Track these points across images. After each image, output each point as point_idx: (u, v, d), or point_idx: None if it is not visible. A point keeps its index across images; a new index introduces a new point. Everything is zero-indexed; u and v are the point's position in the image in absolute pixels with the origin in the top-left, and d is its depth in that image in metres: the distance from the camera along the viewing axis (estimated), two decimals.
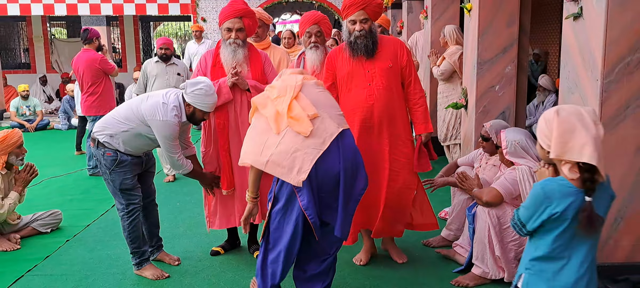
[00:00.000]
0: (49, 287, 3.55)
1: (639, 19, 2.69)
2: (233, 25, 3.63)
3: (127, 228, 3.56)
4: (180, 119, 3.43)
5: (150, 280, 3.59)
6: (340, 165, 2.72)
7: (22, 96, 10.57)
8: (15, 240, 4.33)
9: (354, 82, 3.58)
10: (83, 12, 11.09)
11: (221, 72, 3.69)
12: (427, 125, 3.65)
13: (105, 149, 3.48)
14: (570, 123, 1.98)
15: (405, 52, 3.63)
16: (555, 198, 2.01)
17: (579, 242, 2.06)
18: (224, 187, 3.75)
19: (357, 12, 3.49)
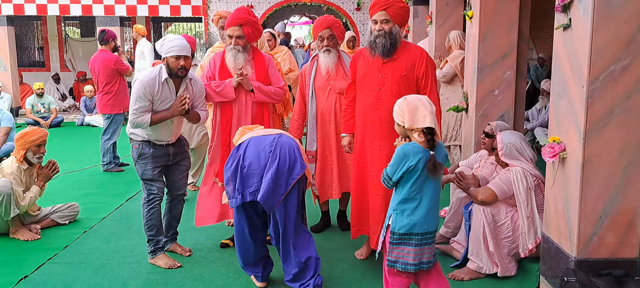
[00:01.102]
0: (69, 273, 3.79)
1: (623, 30, 2.86)
2: (233, 33, 3.91)
3: (146, 215, 3.84)
4: (153, 80, 3.65)
5: (164, 268, 3.82)
6: (271, 150, 3.28)
7: (38, 94, 10.86)
8: (36, 231, 4.57)
9: (366, 83, 3.66)
10: (98, 13, 11.37)
11: (228, 73, 3.98)
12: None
13: (132, 143, 3.86)
14: (414, 104, 2.84)
15: (425, 62, 3.61)
16: (410, 155, 2.80)
17: (428, 186, 2.84)
18: (220, 178, 4.00)
19: (379, 12, 3.55)
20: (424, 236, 2.84)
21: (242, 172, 3.29)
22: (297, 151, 3.34)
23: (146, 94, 3.65)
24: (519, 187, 3.67)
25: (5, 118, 7.74)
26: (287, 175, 3.24)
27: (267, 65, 4.07)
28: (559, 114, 3.22)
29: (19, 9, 11.48)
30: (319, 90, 4.25)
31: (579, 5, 2.97)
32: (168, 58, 3.66)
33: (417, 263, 2.85)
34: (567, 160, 3.11)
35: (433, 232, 2.90)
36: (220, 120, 4.05)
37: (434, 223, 2.89)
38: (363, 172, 3.74)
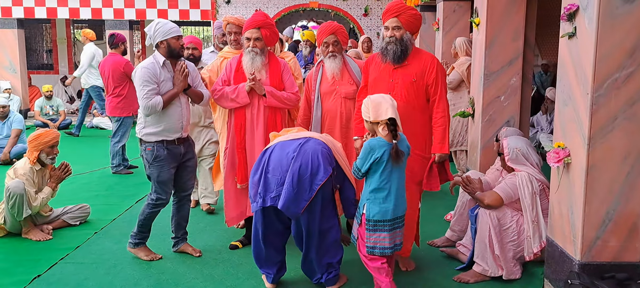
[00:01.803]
0: (81, 273, 3.86)
1: (626, 39, 2.92)
2: (251, 35, 3.96)
3: (146, 214, 4.00)
4: (153, 65, 3.79)
5: (171, 266, 3.92)
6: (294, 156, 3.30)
7: (46, 96, 10.98)
8: (48, 231, 4.66)
9: (377, 88, 3.68)
10: (107, 16, 11.50)
11: (242, 77, 4.02)
12: (442, 145, 3.64)
13: (146, 144, 3.89)
14: (377, 100, 3.17)
15: (435, 70, 3.63)
16: (376, 148, 3.13)
17: (394, 175, 3.16)
18: (239, 181, 4.10)
19: (390, 19, 3.62)
20: (395, 221, 3.20)
21: (266, 177, 3.34)
22: (322, 156, 3.30)
23: (151, 77, 3.77)
24: (525, 191, 3.72)
25: (16, 120, 7.87)
26: (310, 181, 3.22)
27: (282, 70, 4.13)
28: (564, 121, 3.28)
29: (30, 12, 11.61)
30: (325, 94, 4.30)
31: (584, 15, 3.04)
32: (169, 39, 3.80)
33: (392, 246, 3.21)
34: (571, 166, 3.18)
35: (402, 216, 3.26)
36: (234, 124, 4.10)
37: (402, 208, 3.25)
38: None
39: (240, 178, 4.09)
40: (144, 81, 3.75)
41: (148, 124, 3.87)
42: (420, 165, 3.71)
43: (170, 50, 3.82)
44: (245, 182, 4.07)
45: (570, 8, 3.14)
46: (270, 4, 11.72)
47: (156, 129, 3.86)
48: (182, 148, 3.99)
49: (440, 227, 4.73)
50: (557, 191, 3.35)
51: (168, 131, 3.88)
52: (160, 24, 3.83)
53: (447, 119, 3.66)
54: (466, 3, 7.12)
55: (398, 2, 3.65)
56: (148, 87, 3.74)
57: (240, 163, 4.07)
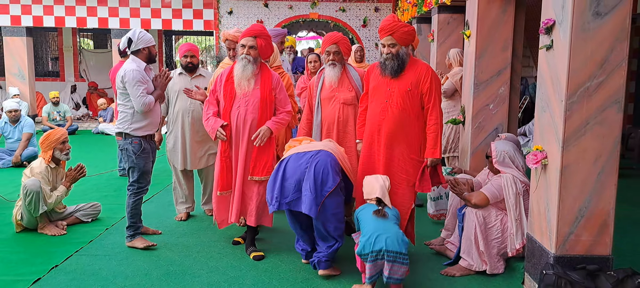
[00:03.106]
0: (95, 264, 4.14)
1: (597, 51, 3.22)
2: (247, 43, 4.10)
3: (132, 204, 4.41)
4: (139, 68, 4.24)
5: (178, 259, 4.22)
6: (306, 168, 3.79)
7: (53, 102, 11.31)
8: (62, 227, 4.94)
9: (376, 95, 4.00)
10: (113, 26, 11.83)
11: (232, 87, 4.15)
12: (434, 150, 3.88)
13: (132, 138, 4.30)
14: (370, 181, 3.77)
15: (430, 79, 3.90)
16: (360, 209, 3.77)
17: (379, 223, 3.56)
18: (219, 188, 4.23)
19: (386, 37, 3.90)
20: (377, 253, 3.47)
21: (283, 184, 3.82)
22: (331, 167, 3.79)
23: (143, 77, 4.24)
24: (509, 191, 4.00)
25: (27, 124, 8.18)
26: (320, 188, 3.72)
27: (274, 85, 4.20)
28: (542, 125, 3.58)
29: (38, 21, 11.95)
30: (325, 100, 4.58)
31: (559, 29, 3.34)
32: (150, 47, 4.35)
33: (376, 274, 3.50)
34: (548, 167, 3.47)
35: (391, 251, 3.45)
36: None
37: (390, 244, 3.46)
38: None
39: (220, 185, 4.22)
40: (137, 82, 4.18)
41: (135, 120, 4.29)
42: (415, 167, 3.98)
43: (150, 56, 4.37)
44: (225, 189, 4.23)
45: (548, 22, 3.45)
46: (271, 14, 12.06)
47: (143, 124, 4.33)
48: (153, 144, 4.53)
49: (430, 227, 5.01)
50: (535, 190, 3.63)
51: (151, 125, 4.39)
52: (143, 33, 4.36)
53: (440, 126, 3.91)
54: (460, 15, 7.44)
55: (391, 21, 3.91)
56: (142, 87, 4.20)
57: (222, 171, 4.19)
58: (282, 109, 4.25)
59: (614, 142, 3.30)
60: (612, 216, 3.38)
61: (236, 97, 4.14)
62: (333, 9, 12.05)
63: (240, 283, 3.81)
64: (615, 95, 3.26)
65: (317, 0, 11.97)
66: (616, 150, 3.31)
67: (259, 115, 4.14)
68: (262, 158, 4.17)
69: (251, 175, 4.17)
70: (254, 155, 4.16)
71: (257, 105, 4.13)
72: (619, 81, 3.25)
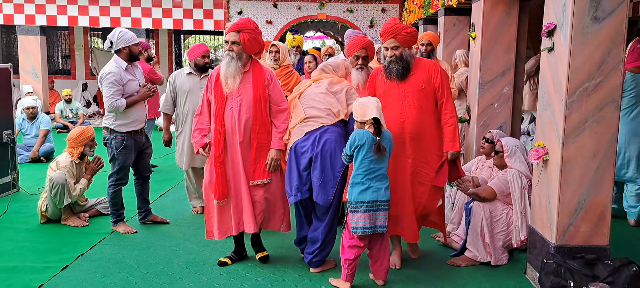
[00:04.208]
0: (119, 253, 4.37)
1: (595, 53, 3.42)
2: (229, 38, 3.88)
3: (112, 195, 4.81)
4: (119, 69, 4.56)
5: (197, 249, 4.44)
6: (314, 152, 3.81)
7: (66, 100, 11.57)
8: (84, 218, 5.18)
9: (389, 99, 3.89)
10: (125, 25, 12.07)
11: (221, 88, 3.89)
12: (453, 143, 3.84)
13: (116, 134, 4.66)
14: (364, 102, 3.58)
15: (440, 75, 3.87)
16: (358, 138, 3.54)
17: (374, 165, 3.54)
18: (216, 197, 3.95)
19: (388, 40, 3.86)
20: (374, 204, 3.55)
21: (300, 173, 3.86)
22: (337, 144, 3.81)
23: (117, 81, 4.54)
24: (515, 186, 4.21)
25: (44, 121, 8.43)
26: (332, 172, 3.80)
27: (267, 81, 3.96)
28: (543, 123, 3.78)
29: (52, 20, 12.21)
30: None
31: (560, 32, 3.55)
32: (131, 46, 4.62)
33: (371, 227, 3.55)
34: (549, 162, 3.67)
35: (383, 201, 3.57)
36: (213, 136, 3.97)
37: (383, 194, 3.57)
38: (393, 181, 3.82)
39: (218, 194, 3.94)
40: (110, 84, 4.52)
41: (119, 116, 4.64)
42: (437, 163, 3.95)
43: (130, 55, 4.65)
44: (223, 198, 3.95)
45: (549, 26, 3.65)
46: (280, 15, 12.28)
47: (126, 121, 4.67)
48: (143, 138, 4.84)
49: None
50: (537, 184, 3.84)
51: (136, 122, 4.73)
52: (123, 32, 4.63)
53: (456, 118, 3.89)
54: (465, 18, 7.63)
55: (393, 23, 3.87)
56: (113, 89, 4.53)
57: (218, 178, 3.92)
58: (278, 107, 4.00)
59: (610, 139, 3.50)
60: (609, 208, 3.58)
61: (228, 97, 3.89)
62: (341, 9, 12.26)
63: (257, 271, 4.03)
64: (612, 94, 3.46)
65: (325, 1, 12.19)
66: (613, 147, 3.51)
67: (253, 114, 3.88)
68: (261, 160, 3.96)
69: (253, 180, 3.94)
70: (252, 158, 3.94)
71: (251, 104, 3.88)
72: (616, 82, 3.45)
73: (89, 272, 3.98)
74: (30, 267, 4.06)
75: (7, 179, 6.19)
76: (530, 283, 3.84)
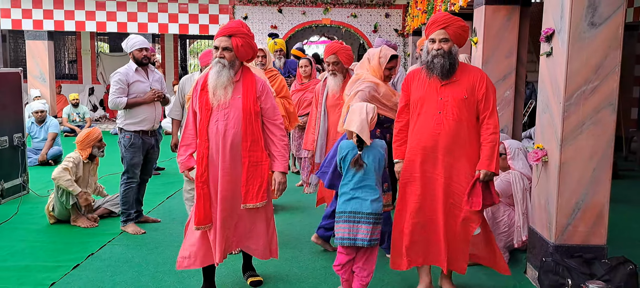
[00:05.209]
0: (128, 252, 4.48)
1: (592, 58, 3.51)
2: (220, 44, 3.39)
3: (122, 193, 4.98)
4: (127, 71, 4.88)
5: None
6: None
7: (73, 104, 11.73)
8: (93, 219, 5.29)
9: (425, 107, 3.40)
10: (132, 30, 12.20)
11: (207, 97, 3.42)
12: (490, 162, 3.28)
13: (125, 133, 4.90)
14: (352, 110, 3.42)
15: (485, 85, 3.35)
16: (342, 149, 3.46)
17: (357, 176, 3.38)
18: (195, 222, 3.44)
19: (437, 31, 3.33)
20: (355, 215, 3.34)
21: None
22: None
23: (122, 81, 4.83)
24: (517, 187, 4.30)
25: (53, 124, 8.56)
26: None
27: (259, 92, 3.49)
28: (542, 125, 3.88)
29: (59, 25, 12.37)
30: (330, 108, 4.64)
31: (558, 37, 3.65)
32: (134, 51, 4.88)
33: (350, 238, 3.33)
34: (548, 164, 3.76)
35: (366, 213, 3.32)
36: (196, 153, 3.51)
37: (367, 207, 3.33)
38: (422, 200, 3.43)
39: (198, 218, 3.42)
40: (114, 82, 4.84)
41: (128, 116, 4.88)
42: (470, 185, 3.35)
43: (135, 60, 4.93)
44: (205, 223, 3.45)
45: (548, 31, 3.75)
46: (284, 20, 12.41)
47: (134, 120, 4.89)
48: (152, 140, 5.01)
49: None
50: (537, 185, 3.93)
51: (144, 122, 4.92)
52: (130, 38, 4.95)
53: (498, 136, 3.35)
54: (468, 22, 7.72)
55: (446, 14, 3.42)
56: (117, 87, 4.83)
57: (199, 200, 3.42)
58: (272, 122, 3.56)
59: (608, 141, 3.59)
60: (606, 209, 3.67)
61: (213, 109, 3.42)
62: (345, 14, 12.37)
63: (265, 268, 4.13)
64: (609, 98, 3.56)
65: (330, 7, 12.32)
66: (610, 149, 3.60)
67: (242, 130, 3.41)
68: (255, 182, 3.46)
69: (244, 203, 3.46)
70: (244, 179, 3.44)
71: (239, 117, 3.40)
72: (613, 85, 3.55)
73: (99, 271, 4.09)
74: (42, 266, 4.18)
75: (17, 181, 6.32)
76: (531, 282, 3.93)
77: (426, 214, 3.42)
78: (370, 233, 3.33)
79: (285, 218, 5.54)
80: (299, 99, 6.46)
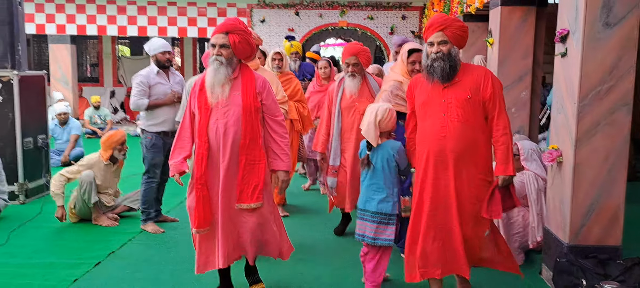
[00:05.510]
0: (148, 251, 4.59)
1: (607, 58, 3.51)
2: (217, 41, 3.33)
3: (143, 192, 5.13)
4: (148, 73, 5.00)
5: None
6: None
7: (95, 106, 11.96)
8: (114, 218, 5.42)
9: (429, 111, 3.31)
10: (152, 34, 12.41)
11: (206, 96, 3.38)
12: (506, 166, 3.21)
13: (147, 134, 5.05)
14: (368, 110, 3.58)
15: (491, 83, 3.23)
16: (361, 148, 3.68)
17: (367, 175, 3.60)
18: (195, 225, 3.41)
19: (435, 33, 3.24)
20: (362, 212, 3.62)
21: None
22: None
23: (143, 82, 4.95)
24: (531, 188, 4.31)
25: (75, 126, 8.76)
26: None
27: (259, 89, 3.44)
28: (557, 126, 3.88)
29: (82, 30, 12.62)
30: (345, 109, 4.62)
31: (573, 38, 3.65)
32: (157, 54, 5.01)
33: (361, 235, 3.60)
34: (563, 164, 3.77)
35: (371, 211, 3.55)
36: (196, 154, 3.43)
37: (372, 206, 3.54)
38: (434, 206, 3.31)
39: (198, 221, 3.39)
40: (136, 84, 4.97)
41: (150, 117, 5.00)
42: (486, 190, 3.27)
43: (157, 62, 5.05)
44: (204, 226, 3.42)
45: (562, 32, 3.76)
46: (301, 23, 12.50)
47: (155, 121, 5.01)
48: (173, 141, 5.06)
49: None
50: (551, 186, 3.94)
51: (164, 123, 5.02)
52: (152, 41, 5.08)
53: (510, 136, 3.25)
54: (484, 24, 7.71)
55: (443, 15, 3.34)
56: (138, 89, 4.96)
57: (198, 203, 3.37)
58: (273, 118, 3.51)
59: (622, 142, 3.59)
60: (621, 210, 3.66)
61: (213, 108, 3.37)
62: (361, 17, 12.43)
63: (277, 269, 4.19)
64: (624, 98, 3.55)
65: (346, 9, 12.38)
66: (625, 149, 3.60)
67: (242, 127, 3.36)
68: (250, 181, 3.40)
69: (238, 203, 3.40)
70: (240, 178, 3.38)
71: (239, 115, 3.35)
72: (628, 86, 3.54)
73: (120, 268, 4.20)
74: (65, 263, 4.30)
75: (41, 181, 6.49)
76: (545, 283, 3.93)
77: (440, 221, 3.29)
78: (374, 232, 3.52)
79: (293, 221, 5.60)
80: (318, 100, 6.34)
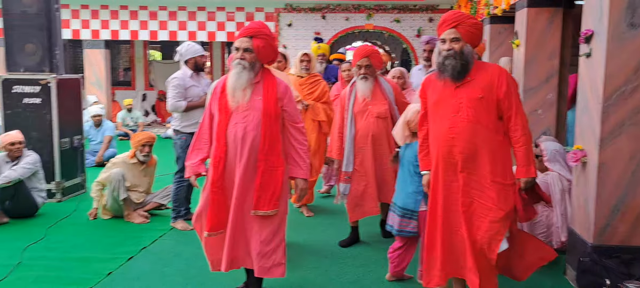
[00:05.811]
0: (178, 246, 4.75)
1: (632, 58, 3.51)
2: (241, 44, 3.29)
3: (175, 190, 5.31)
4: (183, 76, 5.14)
5: None
6: None
7: (127, 109, 12.29)
8: (145, 216, 5.60)
9: (440, 111, 3.19)
10: (182, 38, 12.68)
11: (226, 100, 3.35)
12: (528, 169, 3.08)
13: (181, 134, 5.20)
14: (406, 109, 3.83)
15: (505, 82, 3.07)
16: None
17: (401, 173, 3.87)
18: (207, 228, 3.36)
19: (447, 30, 3.13)
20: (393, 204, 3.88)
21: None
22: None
23: (180, 85, 5.11)
24: (555, 188, 4.32)
25: (109, 128, 9.04)
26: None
27: (281, 95, 3.37)
28: (582, 126, 3.89)
29: (115, 35, 12.99)
30: (357, 114, 4.50)
31: (597, 38, 3.66)
32: (196, 57, 5.19)
33: (390, 226, 3.87)
34: (587, 165, 3.78)
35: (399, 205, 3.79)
36: (213, 156, 3.37)
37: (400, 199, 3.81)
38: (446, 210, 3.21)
39: (210, 224, 3.34)
40: (173, 87, 5.12)
41: (183, 119, 5.17)
42: (499, 194, 3.07)
43: (196, 65, 5.22)
44: (217, 229, 3.36)
45: (587, 33, 3.77)
46: (327, 26, 12.61)
47: (190, 122, 5.15)
48: None
49: None
50: (576, 186, 3.94)
51: (197, 124, 5.00)
52: (191, 45, 5.24)
53: (529, 137, 3.10)
54: (511, 25, 7.69)
55: (456, 12, 3.20)
56: (176, 91, 5.11)
57: (212, 206, 3.32)
58: (294, 124, 3.44)
59: None
60: None
61: (233, 112, 3.33)
62: (388, 20, 12.47)
63: (299, 264, 4.29)
64: None
65: (373, 12, 12.44)
66: None
67: (262, 132, 3.28)
68: (268, 187, 3.31)
69: (255, 209, 3.32)
70: (258, 184, 3.29)
71: (259, 120, 3.29)
72: None
73: (152, 263, 4.37)
74: (100, 257, 4.48)
75: (77, 180, 6.74)
76: (570, 283, 3.93)
77: (452, 225, 3.19)
78: (398, 224, 3.77)
79: (318, 221, 5.69)
80: None
